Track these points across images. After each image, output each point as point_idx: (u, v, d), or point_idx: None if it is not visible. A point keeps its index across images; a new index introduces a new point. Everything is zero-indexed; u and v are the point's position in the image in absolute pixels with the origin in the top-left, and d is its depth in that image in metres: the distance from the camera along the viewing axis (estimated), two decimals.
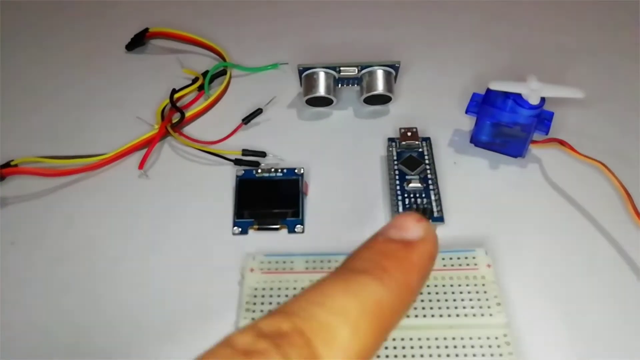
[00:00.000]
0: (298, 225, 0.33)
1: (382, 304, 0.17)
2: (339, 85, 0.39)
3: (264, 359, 0.14)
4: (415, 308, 0.28)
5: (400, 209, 0.32)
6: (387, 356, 0.26)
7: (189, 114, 0.38)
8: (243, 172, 0.35)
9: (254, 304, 0.28)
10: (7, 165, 0.35)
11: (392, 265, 0.18)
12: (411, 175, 0.33)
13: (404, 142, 0.35)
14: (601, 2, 0.47)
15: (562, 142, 0.34)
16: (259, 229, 0.33)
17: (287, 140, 0.37)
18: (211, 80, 0.41)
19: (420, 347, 0.27)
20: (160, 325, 0.29)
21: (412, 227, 0.19)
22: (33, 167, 0.35)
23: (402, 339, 0.27)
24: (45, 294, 0.30)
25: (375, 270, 0.18)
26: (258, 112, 0.38)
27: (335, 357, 0.15)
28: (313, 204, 0.34)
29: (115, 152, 0.36)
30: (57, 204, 0.34)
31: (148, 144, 0.37)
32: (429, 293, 0.28)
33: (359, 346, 0.16)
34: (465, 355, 0.26)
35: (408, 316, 0.28)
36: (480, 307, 0.28)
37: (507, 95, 0.33)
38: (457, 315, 0.28)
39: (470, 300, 0.28)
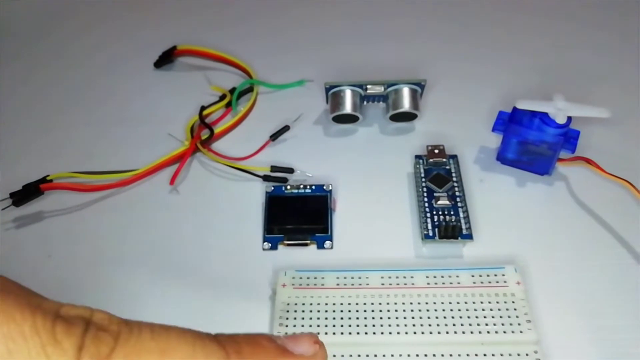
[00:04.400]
0: (327, 242, 0.33)
1: None
2: (365, 102, 0.40)
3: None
4: (446, 325, 0.28)
5: (429, 225, 0.32)
6: None
7: (217, 130, 0.39)
8: (273, 188, 0.35)
9: (287, 318, 0.29)
10: (44, 180, 0.36)
11: (250, 353, 0.19)
12: (439, 192, 0.34)
13: (431, 160, 0.35)
14: (628, 24, 0.47)
15: (588, 161, 0.34)
16: (288, 245, 0.33)
17: (314, 156, 0.38)
18: (238, 97, 0.42)
19: None
20: None
21: (304, 342, 0.20)
22: (68, 182, 0.36)
23: (434, 355, 0.27)
24: None
25: (231, 349, 0.18)
26: (285, 129, 0.39)
27: None
28: (341, 220, 0.34)
29: (147, 168, 0.37)
30: (91, 218, 0.35)
31: (179, 160, 0.37)
32: (459, 310, 0.29)
33: None
34: None
35: (439, 332, 0.28)
36: (511, 324, 0.28)
37: (533, 113, 0.33)
38: (488, 332, 0.28)
39: (501, 317, 0.28)
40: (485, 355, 0.27)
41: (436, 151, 0.36)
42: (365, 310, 0.29)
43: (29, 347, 0.15)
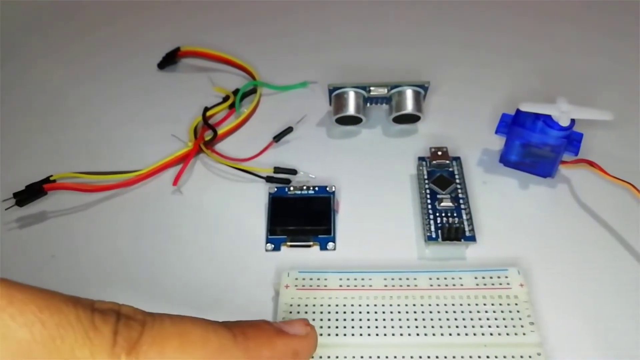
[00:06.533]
0: (330, 243, 0.33)
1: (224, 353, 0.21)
2: (368, 104, 0.40)
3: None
4: (449, 326, 0.28)
5: (432, 227, 0.32)
6: None
7: (221, 131, 0.39)
8: (276, 189, 0.35)
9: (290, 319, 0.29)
10: (47, 180, 0.36)
11: (253, 334, 0.22)
12: (442, 194, 0.34)
13: (434, 162, 0.35)
14: (631, 27, 0.47)
15: (591, 163, 0.34)
16: (291, 246, 0.33)
17: (317, 158, 0.38)
18: (242, 99, 0.42)
19: None
20: None
21: (298, 325, 0.24)
22: (72, 182, 0.36)
23: (437, 357, 0.27)
24: None
25: (237, 330, 0.22)
26: (289, 130, 0.39)
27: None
28: (344, 221, 0.35)
29: (150, 169, 0.37)
30: (94, 219, 0.35)
31: (182, 161, 0.37)
32: (462, 312, 0.29)
33: None
34: None
35: (442, 334, 0.28)
36: (514, 326, 0.28)
37: (536, 116, 0.33)
38: (491, 334, 0.28)
39: (504, 319, 0.28)
40: (488, 357, 0.27)
41: (439, 153, 0.36)
42: (368, 312, 0.29)
43: (75, 333, 0.18)
